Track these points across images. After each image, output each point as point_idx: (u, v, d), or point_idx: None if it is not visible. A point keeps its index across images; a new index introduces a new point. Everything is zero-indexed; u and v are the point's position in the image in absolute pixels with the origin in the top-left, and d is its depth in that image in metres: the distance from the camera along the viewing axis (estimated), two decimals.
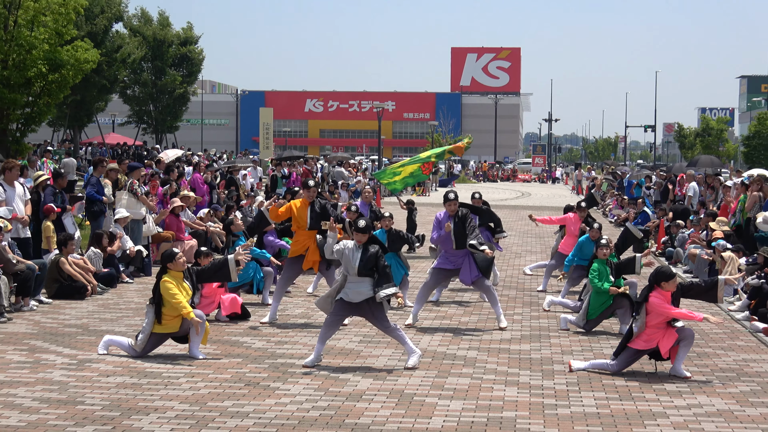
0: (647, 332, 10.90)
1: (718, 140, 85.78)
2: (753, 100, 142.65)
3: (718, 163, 41.31)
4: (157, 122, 66.84)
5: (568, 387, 10.41)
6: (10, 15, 28.08)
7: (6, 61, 28.03)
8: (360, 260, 11.20)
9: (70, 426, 8.63)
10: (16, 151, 29.25)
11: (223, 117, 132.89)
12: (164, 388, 10.07)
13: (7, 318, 13.86)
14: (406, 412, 9.29)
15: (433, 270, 14.23)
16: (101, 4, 54.64)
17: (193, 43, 68.41)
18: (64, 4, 29.02)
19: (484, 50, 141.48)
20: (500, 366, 11.41)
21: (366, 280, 11.25)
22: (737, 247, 17.86)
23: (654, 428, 8.87)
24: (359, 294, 11.25)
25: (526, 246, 25.91)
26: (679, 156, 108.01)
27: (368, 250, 11.31)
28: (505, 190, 64.66)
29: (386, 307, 11.34)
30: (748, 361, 11.94)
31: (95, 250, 17.25)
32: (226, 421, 8.86)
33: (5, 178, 16.33)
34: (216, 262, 12.85)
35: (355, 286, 11.26)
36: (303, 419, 8.97)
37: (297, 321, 14.18)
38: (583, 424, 8.99)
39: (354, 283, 11.28)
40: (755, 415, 9.38)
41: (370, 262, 11.21)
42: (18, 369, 10.86)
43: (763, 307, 14.39)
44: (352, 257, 11.26)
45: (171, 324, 11.51)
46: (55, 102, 31.25)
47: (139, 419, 8.89)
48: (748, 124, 79.85)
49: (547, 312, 15.25)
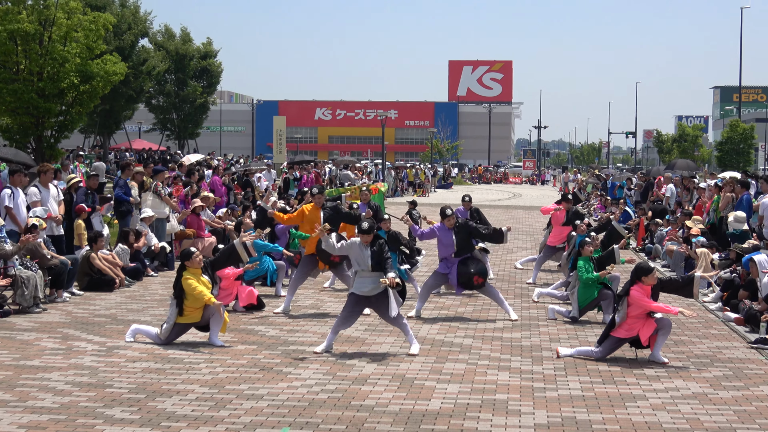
0: (628, 322, 10.91)
1: (693, 145, 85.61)
2: (725, 109, 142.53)
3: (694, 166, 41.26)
4: (179, 129, 66.81)
5: (555, 372, 10.41)
6: (45, 31, 28.11)
7: (41, 74, 28.05)
8: (371, 258, 11.30)
9: (99, 407, 8.64)
10: (51, 155, 29.26)
11: (239, 124, 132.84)
12: (186, 372, 10.08)
13: (43, 308, 13.88)
14: (407, 394, 9.29)
15: (435, 273, 14.30)
16: (128, 21, 54.69)
17: (213, 56, 68.36)
18: (95, 21, 29.06)
19: (478, 63, 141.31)
20: (493, 352, 11.40)
21: (379, 274, 11.28)
22: (711, 243, 17.84)
23: (634, 410, 8.86)
24: (375, 288, 11.29)
25: (516, 242, 25.85)
26: (657, 160, 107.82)
27: (375, 245, 11.40)
28: (498, 191, 64.57)
29: (398, 301, 11.33)
30: (720, 348, 11.93)
31: (123, 246, 17.25)
32: (242, 403, 8.86)
33: (41, 181, 16.34)
34: (225, 249, 13.02)
35: (369, 281, 11.30)
36: (313, 401, 8.96)
37: (308, 311, 14.17)
38: (569, 405, 8.98)
39: (366, 277, 11.33)
40: (727, 398, 9.37)
41: (379, 256, 11.30)
42: (52, 355, 10.87)
43: (735, 299, 14.37)
44: (363, 254, 11.36)
45: (193, 315, 11.51)
46: (86, 111, 31.23)
47: (162, 401, 8.89)
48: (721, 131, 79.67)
49: (536, 303, 15.25)
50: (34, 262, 14.27)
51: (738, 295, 14.39)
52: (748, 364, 10.99)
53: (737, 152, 64.45)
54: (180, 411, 8.56)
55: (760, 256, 13.99)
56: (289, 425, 8.16)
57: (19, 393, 9.13)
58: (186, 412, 8.52)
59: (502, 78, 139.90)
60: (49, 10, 28.20)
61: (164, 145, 69.30)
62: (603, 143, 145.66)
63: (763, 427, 8.34)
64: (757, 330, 12.74)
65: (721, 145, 67.05)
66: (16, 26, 27.17)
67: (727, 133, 66.48)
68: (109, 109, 53.40)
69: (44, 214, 15.57)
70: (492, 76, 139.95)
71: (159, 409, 8.60)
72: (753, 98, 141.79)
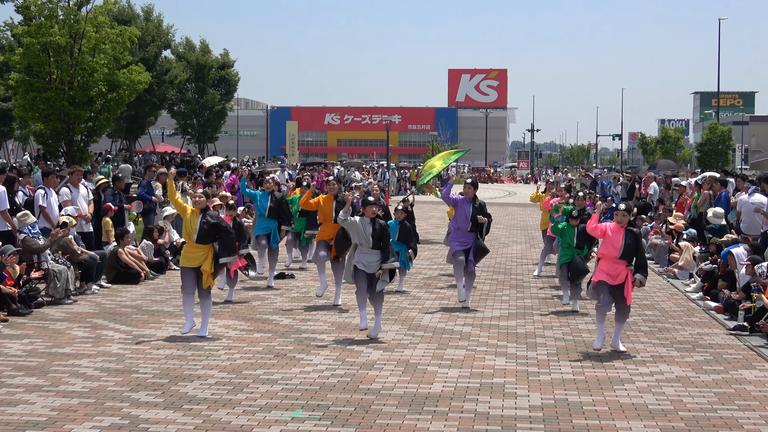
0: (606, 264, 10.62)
1: (675, 147, 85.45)
2: (705, 113, 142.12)
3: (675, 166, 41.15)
4: (199, 134, 66.82)
5: (548, 357, 10.37)
6: (76, 44, 28.17)
7: (72, 83, 28.10)
8: (372, 235, 11.10)
9: (125, 391, 8.62)
10: (81, 158, 29.33)
11: (255, 129, 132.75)
12: (206, 359, 10.05)
13: (73, 300, 13.88)
14: (411, 378, 9.26)
15: (456, 252, 13.58)
16: (152, 34, 54.77)
17: (230, 66, 68.35)
18: (121, 35, 29.12)
19: (476, 71, 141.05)
20: (491, 339, 11.37)
21: (376, 253, 11.15)
22: (692, 237, 17.79)
23: (622, 392, 8.82)
24: (372, 266, 11.14)
25: (512, 237, 25.83)
26: (642, 161, 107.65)
27: (377, 223, 11.22)
28: (495, 189, 64.49)
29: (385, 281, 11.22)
30: (702, 334, 11.88)
31: (147, 242, 17.24)
32: (258, 387, 8.84)
33: (71, 181, 16.33)
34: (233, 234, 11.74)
35: (368, 256, 11.15)
36: (324, 385, 8.94)
37: (318, 302, 14.13)
38: (562, 388, 8.95)
39: (366, 254, 11.17)
40: (708, 381, 9.33)
41: (379, 234, 11.14)
42: (82, 343, 10.86)
43: (715, 289, 14.32)
44: (364, 230, 11.14)
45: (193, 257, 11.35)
46: (113, 117, 31.28)
47: (184, 385, 8.87)
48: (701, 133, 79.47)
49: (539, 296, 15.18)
50: (66, 257, 14.28)
51: (717, 285, 14.33)
52: (727, 349, 10.95)
53: (716, 153, 64.37)
54: (200, 395, 8.54)
55: (738, 249, 13.94)
56: (301, 408, 8.14)
57: (51, 378, 9.12)
58: (206, 396, 8.50)
59: (497, 85, 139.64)
60: (79, 24, 28.25)
61: (185, 149, 69.27)
62: (591, 145, 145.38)
63: (741, 408, 8.31)
64: (736, 318, 12.69)
65: (701, 146, 66.94)
66: (48, 39, 27.23)
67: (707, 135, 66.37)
68: (135, 115, 53.51)
69: (75, 213, 15.57)
70: (488, 83, 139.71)
71: (181, 393, 8.59)
72: (731, 103, 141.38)
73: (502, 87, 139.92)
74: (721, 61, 58.21)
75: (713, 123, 68.05)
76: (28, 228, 14.00)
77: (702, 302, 14.23)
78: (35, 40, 27.30)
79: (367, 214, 11.28)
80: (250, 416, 7.86)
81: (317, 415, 7.93)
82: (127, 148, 59.60)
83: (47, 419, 7.71)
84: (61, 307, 13.42)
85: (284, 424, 7.67)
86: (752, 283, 12.69)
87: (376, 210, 11.36)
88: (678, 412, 8.16)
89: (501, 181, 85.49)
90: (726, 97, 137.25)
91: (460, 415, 7.99)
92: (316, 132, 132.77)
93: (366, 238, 11.13)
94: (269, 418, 7.81)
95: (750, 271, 12.98)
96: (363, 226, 11.21)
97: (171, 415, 7.87)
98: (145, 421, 7.67)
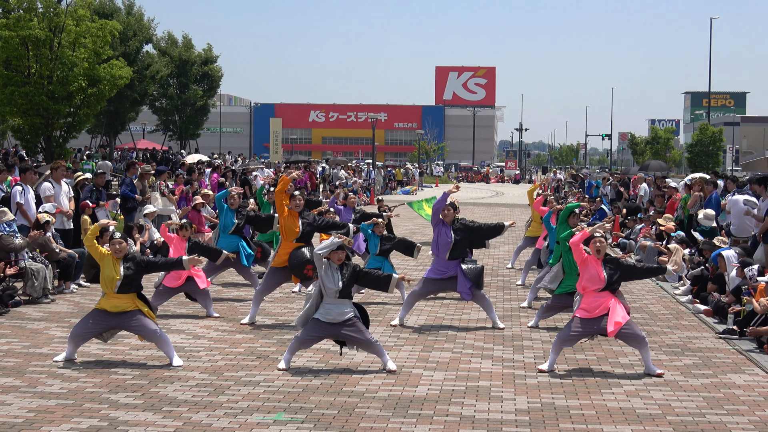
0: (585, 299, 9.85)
1: (665, 147, 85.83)
2: (695, 113, 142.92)
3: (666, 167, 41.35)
4: (181, 130, 66.59)
5: (535, 360, 10.40)
6: (55, 37, 28.09)
7: (51, 77, 28.02)
8: (342, 282, 9.55)
9: (104, 392, 8.60)
10: (60, 154, 29.23)
11: (238, 126, 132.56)
12: (186, 360, 10.04)
13: (51, 299, 13.83)
14: (396, 381, 9.27)
15: (424, 279, 12.42)
16: (134, 29, 54.60)
17: (213, 62, 68.16)
18: (102, 28, 29.07)
19: (464, 69, 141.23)
20: (477, 342, 11.39)
21: (346, 302, 9.65)
22: (682, 239, 17.86)
23: (609, 396, 8.86)
24: (342, 314, 9.57)
25: (498, 238, 25.82)
26: (631, 161, 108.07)
27: (345, 268, 9.71)
28: (481, 189, 64.55)
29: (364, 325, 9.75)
30: (690, 338, 11.94)
31: None
32: (239, 389, 8.84)
33: (53, 177, 16.29)
34: (170, 260, 10.60)
35: (335, 307, 9.58)
36: (306, 387, 8.94)
37: (301, 303, 14.08)
38: (549, 392, 8.98)
39: (333, 304, 9.59)
40: (697, 385, 9.38)
41: (350, 283, 9.67)
42: (60, 343, 10.81)
43: (704, 292, 14.39)
44: (333, 277, 9.58)
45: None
46: (93, 112, 31.24)
47: (164, 387, 8.86)
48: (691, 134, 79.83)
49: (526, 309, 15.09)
50: (44, 256, 14.23)
51: (707, 288, 14.41)
52: (716, 353, 11.00)
53: (707, 154, 64.71)
54: (181, 396, 8.53)
55: (729, 252, 14.02)
56: (284, 410, 8.14)
57: (28, 379, 9.09)
58: (186, 398, 8.49)
59: (485, 83, 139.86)
60: (59, 18, 28.17)
61: (166, 145, 69.09)
62: (580, 145, 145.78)
63: (730, 413, 8.36)
64: (725, 321, 12.75)
65: (692, 147, 67.28)
66: (27, 32, 27.14)
67: (697, 136, 66.70)
68: (115, 110, 53.32)
69: (53, 210, 15.50)
70: (476, 81, 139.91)
71: (161, 395, 8.57)
72: (722, 103, 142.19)
73: (490, 85, 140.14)
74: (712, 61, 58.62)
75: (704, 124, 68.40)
76: (4, 226, 13.93)
77: (691, 305, 14.30)
78: (14, 33, 27.20)
79: (333, 260, 9.67)
80: (232, 419, 7.86)
81: (300, 417, 7.93)
82: (107, 144, 59.38)
83: (24, 420, 7.69)
84: (39, 306, 13.38)
85: (266, 426, 7.68)
86: (742, 286, 12.77)
87: (342, 257, 9.68)
88: (666, 416, 8.20)
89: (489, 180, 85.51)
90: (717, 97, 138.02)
91: (445, 418, 8.00)
92: (301, 129, 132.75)
93: (334, 286, 9.54)
94: (251, 421, 7.81)
95: (740, 273, 13.06)
96: (332, 273, 9.63)
97: (150, 417, 7.86)
98: (124, 423, 7.65)
